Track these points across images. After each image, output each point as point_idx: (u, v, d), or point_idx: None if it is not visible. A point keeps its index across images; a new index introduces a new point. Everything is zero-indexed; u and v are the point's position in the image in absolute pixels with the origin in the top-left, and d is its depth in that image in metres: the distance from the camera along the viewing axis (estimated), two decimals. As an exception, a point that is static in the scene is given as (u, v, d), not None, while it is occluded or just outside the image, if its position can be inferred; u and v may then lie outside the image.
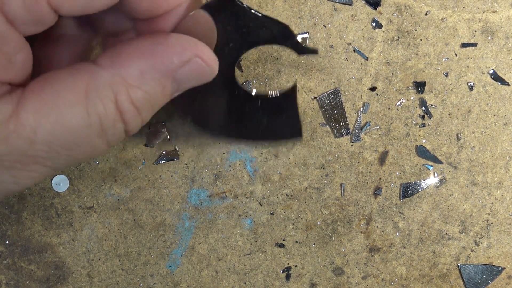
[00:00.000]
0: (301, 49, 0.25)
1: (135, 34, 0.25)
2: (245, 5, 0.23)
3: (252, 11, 0.23)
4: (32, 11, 0.19)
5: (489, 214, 0.33)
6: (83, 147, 0.21)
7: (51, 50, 0.24)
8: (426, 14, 0.32)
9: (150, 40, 0.21)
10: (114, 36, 0.25)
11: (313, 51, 0.26)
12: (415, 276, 0.34)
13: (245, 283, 0.34)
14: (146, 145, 0.33)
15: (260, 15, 0.24)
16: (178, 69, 0.21)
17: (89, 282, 0.34)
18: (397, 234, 0.34)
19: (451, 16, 0.32)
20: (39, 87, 0.20)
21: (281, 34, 0.24)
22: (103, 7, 0.20)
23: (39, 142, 0.20)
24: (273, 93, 0.27)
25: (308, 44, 0.32)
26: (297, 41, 0.25)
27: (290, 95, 0.27)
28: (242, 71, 0.33)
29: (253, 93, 0.27)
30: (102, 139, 0.21)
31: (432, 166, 0.33)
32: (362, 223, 0.34)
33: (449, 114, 0.33)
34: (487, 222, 0.34)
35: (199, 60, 0.22)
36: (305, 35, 0.32)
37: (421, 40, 0.32)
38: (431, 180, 0.33)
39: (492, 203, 0.33)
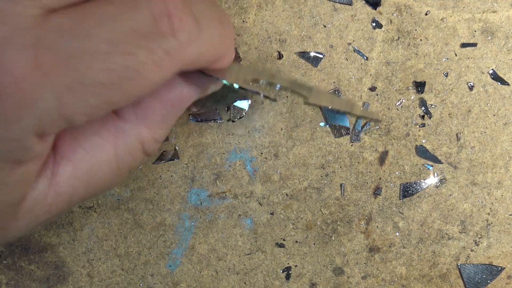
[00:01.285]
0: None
1: None
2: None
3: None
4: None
5: (489, 214, 0.34)
6: (108, 187, 0.23)
7: None
8: (426, 14, 0.32)
9: (168, 85, 0.22)
10: None
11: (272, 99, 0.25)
12: (415, 276, 0.34)
13: (245, 283, 0.34)
14: (146, 145, 0.33)
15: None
16: (196, 98, 0.23)
17: (89, 282, 0.34)
18: (397, 234, 0.34)
19: (451, 16, 0.32)
20: (71, 151, 0.20)
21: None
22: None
23: (74, 202, 0.21)
24: None
25: (311, 46, 0.32)
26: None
27: None
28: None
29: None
30: (126, 175, 0.23)
31: (432, 166, 0.33)
32: (362, 223, 0.34)
33: (449, 114, 0.33)
34: (487, 222, 0.34)
35: (213, 87, 0.23)
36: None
37: (421, 40, 0.32)
38: (431, 180, 0.33)
39: (492, 203, 0.33)
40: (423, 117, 0.33)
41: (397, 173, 0.33)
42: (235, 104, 0.33)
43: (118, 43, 0.17)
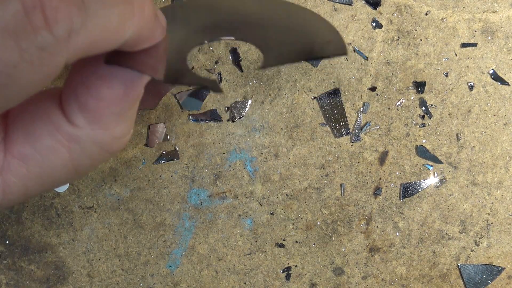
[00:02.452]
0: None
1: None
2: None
3: None
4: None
5: (489, 214, 0.33)
6: (67, 182, 0.22)
7: None
8: (426, 14, 0.32)
9: (107, 82, 0.20)
10: None
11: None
12: (415, 276, 0.34)
13: (245, 283, 0.34)
14: (146, 145, 0.33)
15: None
16: (144, 85, 0.21)
17: (89, 282, 0.34)
18: (397, 234, 0.34)
19: (451, 16, 0.32)
20: (23, 152, 0.20)
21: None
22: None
23: (29, 196, 0.21)
24: None
25: None
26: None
27: None
28: (242, 71, 0.33)
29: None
30: (88, 171, 0.22)
31: (432, 166, 0.33)
32: (362, 223, 0.34)
33: (449, 114, 0.33)
34: (487, 222, 0.34)
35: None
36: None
37: (421, 40, 0.32)
38: (431, 180, 0.33)
39: (492, 203, 0.33)
40: (423, 117, 0.33)
41: (397, 173, 0.33)
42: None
43: None
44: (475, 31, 0.32)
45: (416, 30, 0.32)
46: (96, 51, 0.18)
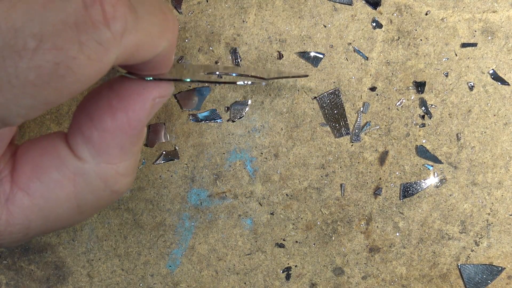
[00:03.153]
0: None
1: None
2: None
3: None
4: None
5: (489, 214, 0.33)
6: (70, 224, 0.22)
7: None
8: (426, 14, 0.32)
9: (110, 113, 0.20)
10: None
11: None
12: (415, 276, 0.34)
13: (245, 283, 0.34)
14: (146, 145, 0.33)
15: None
16: (147, 119, 0.21)
17: (89, 282, 0.34)
18: (397, 234, 0.34)
19: (451, 16, 0.32)
20: (28, 184, 0.20)
21: None
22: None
23: (32, 234, 0.21)
24: None
25: (311, 46, 0.32)
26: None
27: None
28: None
29: None
30: (90, 214, 0.22)
31: (432, 166, 0.33)
32: (362, 223, 0.34)
33: (449, 114, 0.33)
34: (487, 222, 0.34)
35: (160, 100, 0.21)
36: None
37: (421, 40, 0.32)
38: (431, 180, 0.33)
39: (492, 203, 0.33)
40: (423, 117, 0.33)
41: (397, 173, 0.33)
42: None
43: (47, 38, 0.15)
44: (475, 31, 0.32)
45: (416, 30, 0.32)
46: (136, 58, 0.19)
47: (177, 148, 0.33)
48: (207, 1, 0.32)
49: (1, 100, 0.16)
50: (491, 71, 0.33)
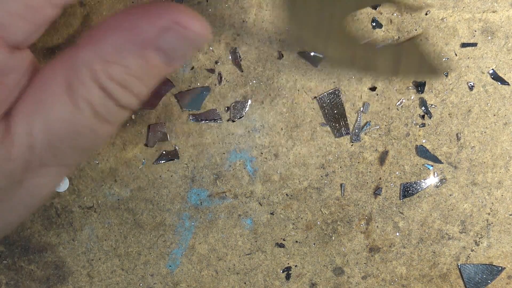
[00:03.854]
0: None
1: None
2: None
3: None
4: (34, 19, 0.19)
5: (489, 214, 0.34)
6: (84, 134, 0.20)
7: None
8: (426, 14, 0.32)
9: (125, 12, 0.20)
10: None
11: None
12: (415, 276, 0.34)
13: (245, 283, 0.34)
14: (146, 145, 0.33)
15: None
16: (157, 39, 0.20)
17: (89, 282, 0.34)
18: (397, 234, 0.34)
19: (451, 16, 0.32)
20: (26, 90, 0.20)
21: None
22: None
23: (38, 145, 0.19)
24: None
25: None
26: None
27: None
28: (242, 71, 0.33)
29: None
30: (100, 121, 0.20)
31: (432, 166, 0.33)
32: (362, 223, 0.34)
33: (449, 114, 0.33)
34: (487, 222, 0.34)
35: (178, 27, 0.20)
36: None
37: (421, 40, 0.32)
38: (431, 180, 0.33)
39: (492, 203, 0.33)
40: (423, 117, 0.33)
41: (397, 173, 0.33)
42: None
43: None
44: (475, 31, 0.32)
45: (416, 30, 0.32)
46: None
47: (177, 148, 0.33)
48: (207, 1, 0.32)
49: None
50: (491, 71, 0.33)
